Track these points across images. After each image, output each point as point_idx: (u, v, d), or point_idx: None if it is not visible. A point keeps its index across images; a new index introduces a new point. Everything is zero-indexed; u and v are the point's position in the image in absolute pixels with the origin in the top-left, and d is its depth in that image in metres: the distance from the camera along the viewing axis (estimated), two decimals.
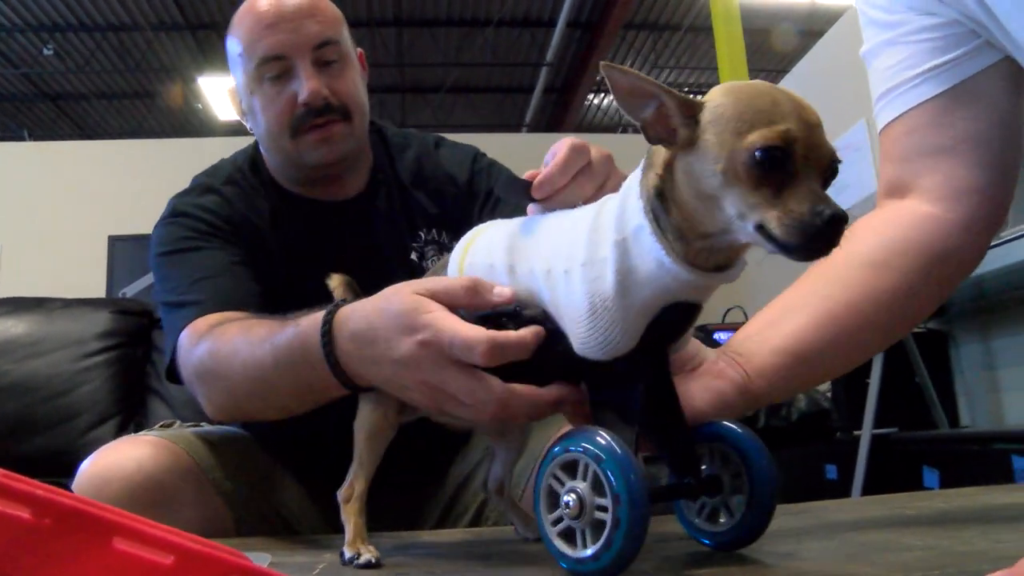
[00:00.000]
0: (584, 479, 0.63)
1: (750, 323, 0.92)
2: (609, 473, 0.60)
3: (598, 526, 0.61)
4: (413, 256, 1.31)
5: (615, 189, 0.73)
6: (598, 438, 0.62)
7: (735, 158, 0.59)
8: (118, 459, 1.07)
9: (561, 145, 0.78)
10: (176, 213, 1.27)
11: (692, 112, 0.63)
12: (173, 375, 1.17)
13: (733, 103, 0.61)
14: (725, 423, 0.75)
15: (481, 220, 1.26)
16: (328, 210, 1.33)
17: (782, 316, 0.90)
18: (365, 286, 1.26)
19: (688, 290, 0.65)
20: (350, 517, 0.82)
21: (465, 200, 1.35)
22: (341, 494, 0.83)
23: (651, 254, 0.64)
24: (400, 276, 0.83)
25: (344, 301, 0.86)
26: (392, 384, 0.79)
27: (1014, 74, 0.90)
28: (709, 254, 0.65)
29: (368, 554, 0.77)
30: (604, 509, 0.60)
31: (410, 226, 1.33)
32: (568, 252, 0.69)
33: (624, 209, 0.67)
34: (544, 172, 0.77)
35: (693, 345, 0.83)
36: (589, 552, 0.61)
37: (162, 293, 1.22)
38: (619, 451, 0.61)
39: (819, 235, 0.58)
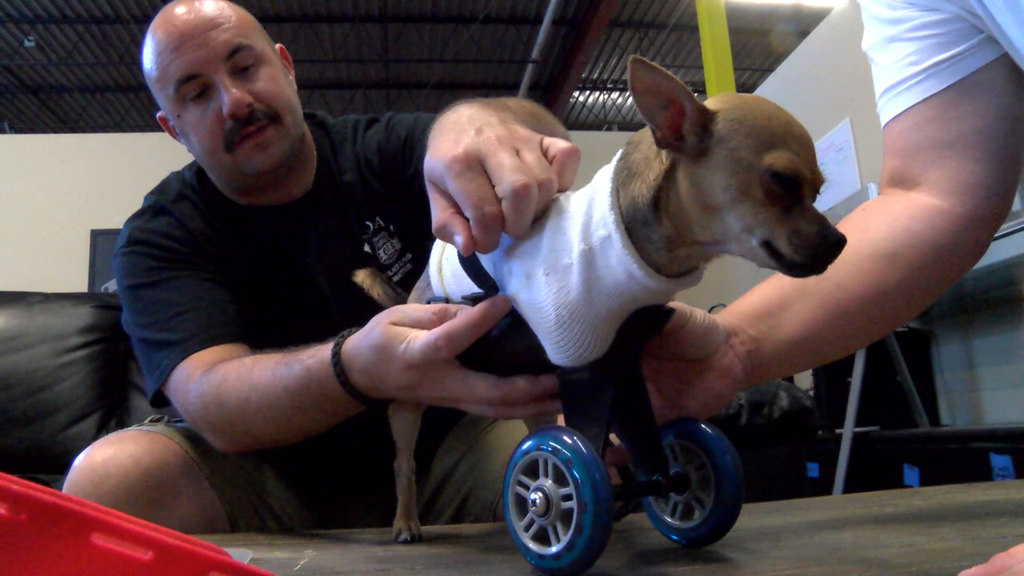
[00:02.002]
0: (547, 475, 0.64)
1: (766, 290, 0.91)
2: (566, 460, 0.62)
3: (566, 517, 0.62)
4: (366, 248, 1.29)
5: (559, 161, 0.72)
6: (547, 433, 0.65)
7: (752, 175, 0.60)
8: (115, 454, 1.06)
9: (503, 194, 0.67)
10: (134, 241, 1.25)
11: (705, 120, 0.62)
12: (157, 400, 1.19)
13: (751, 119, 0.61)
14: (689, 420, 0.75)
15: (409, 167, 1.28)
16: (277, 215, 1.30)
17: (796, 297, 0.90)
18: (324, 285, 1.25)
19: (653, 297, 0.67)
20: (399, 495, 0.94)
21: (395, 167, 1.31)
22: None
23: (620, 265, 0.64)
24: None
25: (343, 338, 0.91)
26: (411, 399, 0.89)
27: (1017, 68, 0.91)
28: (680, 262, 0.66)
29: (406, 533, 0.90)
30: (569, 497, 0.62)
31: (358, 218, 1.31)
32: (530, 252, 0.69)
33: (590, 217, 0.66)
34: (507, 229, 0.69)
35: (720, 337, 0.83)
36: (563, 542, 0.62)
37: (137, 328, 1.21)
38: (570, 439, 0.63)
39: (823, 255, 0.60)
